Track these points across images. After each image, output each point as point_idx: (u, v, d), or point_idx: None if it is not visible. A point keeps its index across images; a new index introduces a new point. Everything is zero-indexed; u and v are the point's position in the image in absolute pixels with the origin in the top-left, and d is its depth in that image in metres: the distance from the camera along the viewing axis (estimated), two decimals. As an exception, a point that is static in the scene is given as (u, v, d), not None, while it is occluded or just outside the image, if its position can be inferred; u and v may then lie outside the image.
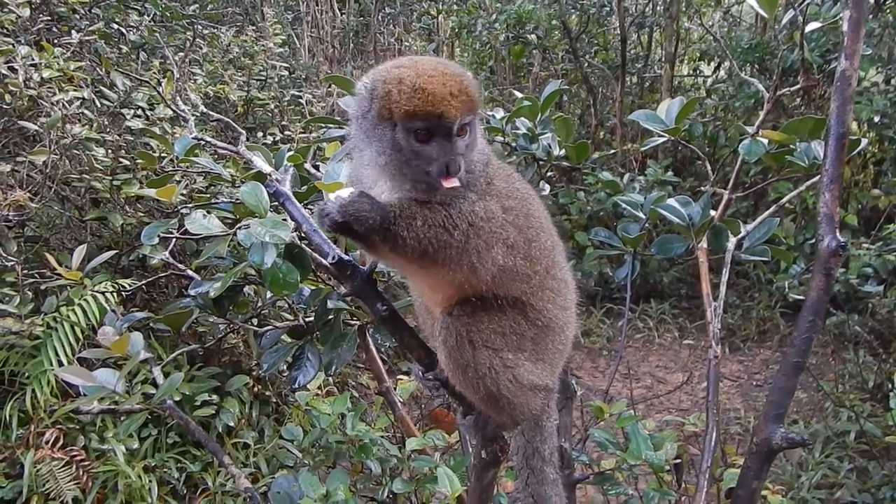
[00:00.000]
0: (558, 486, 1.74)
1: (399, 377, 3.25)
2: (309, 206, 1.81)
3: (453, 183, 1.31)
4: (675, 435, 2.43)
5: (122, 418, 4.67)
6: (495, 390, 1.47)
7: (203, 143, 2.07)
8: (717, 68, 9.93)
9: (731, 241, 2.43)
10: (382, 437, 2.35)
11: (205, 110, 2.35)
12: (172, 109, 2.41)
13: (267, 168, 1.85)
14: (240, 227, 1.84)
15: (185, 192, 4.22)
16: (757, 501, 1.51)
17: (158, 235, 1.97)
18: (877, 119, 7.53)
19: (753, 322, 7.91)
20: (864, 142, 2.26)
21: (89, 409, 2.04)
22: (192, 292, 2.08)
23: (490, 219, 1.39)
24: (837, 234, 1.44)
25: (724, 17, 10.83)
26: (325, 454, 2.23)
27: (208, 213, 1.89)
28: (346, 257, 1.36)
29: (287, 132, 6.39)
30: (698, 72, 10.78)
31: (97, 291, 4.40)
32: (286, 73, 7.53)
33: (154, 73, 5.55)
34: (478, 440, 1.56)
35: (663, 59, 10.04)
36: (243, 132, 2.00)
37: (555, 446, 1.75)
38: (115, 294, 4.37)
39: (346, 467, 2.34)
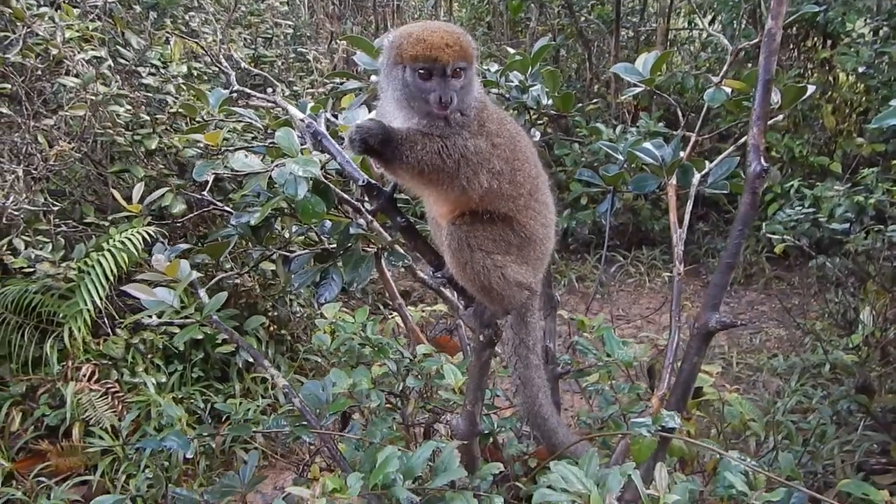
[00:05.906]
0: (541, 371, 2.15)
1: (407, 307, 3.63)
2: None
3: (444, 112, 1.71)
4: (648, 347, 2.82)
5: (150, 357, 5.12)
6: (487, 284, 1.87)
7: (239, 94, 2.40)
8: (711, 21, 10.12)
9: (696, 178, 2.78)
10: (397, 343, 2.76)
11: (247, 66, 2.69)
12: (217, 66, 2.74)
13: (300, 114, 2.20)
14: (276, 166, 2.21)
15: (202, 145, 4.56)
16: (697, 374, 1.90)
17: (208, 173, 2.32)
18: (861, 70, 7.79)
19: (740, 266, 8.28)
20: (811, 88, 2.59)
21: (150, 321, 2.42)
22: (233, 222, 2.45)
23: (478, 153, 1.77)
24: (762, 160, 1.80)
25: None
26: (349, 355, 2.64)
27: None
28: (373, 181, 1.73)
29: (294, 88, 6.67)
30: (693, 24, 10.95)
31: (125, 238, 4.80)
32: (291, 30, 7.76)
33: (166, 31, 5.82)
34: (477, 326, 1.96)
35: (658, 12, 10.22)
36: (279, 84, 2.34)
37: (538, 339, 2.15)
38: (142, 239, 4.77)
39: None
